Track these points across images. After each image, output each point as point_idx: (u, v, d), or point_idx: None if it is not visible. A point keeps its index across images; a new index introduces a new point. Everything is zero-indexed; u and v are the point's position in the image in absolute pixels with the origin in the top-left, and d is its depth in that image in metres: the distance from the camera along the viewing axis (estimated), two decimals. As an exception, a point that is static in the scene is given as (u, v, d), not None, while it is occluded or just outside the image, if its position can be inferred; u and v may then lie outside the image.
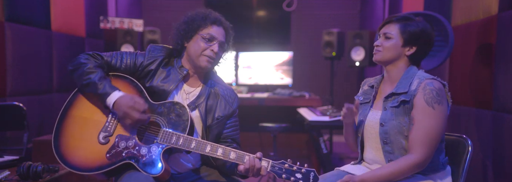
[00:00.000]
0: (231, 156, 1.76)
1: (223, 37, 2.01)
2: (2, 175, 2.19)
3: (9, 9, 3.22)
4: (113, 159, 1.82)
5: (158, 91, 1.93)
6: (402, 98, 1.84)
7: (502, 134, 2.46)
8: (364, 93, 2.03)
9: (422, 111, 1.80)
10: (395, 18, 1.91)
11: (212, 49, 1.95)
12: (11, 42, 3.23)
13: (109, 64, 1.96)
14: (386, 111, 1.88)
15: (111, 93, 1.83)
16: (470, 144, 1.95)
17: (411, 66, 1.92)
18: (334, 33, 4.92)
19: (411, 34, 1.87)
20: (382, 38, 1.91)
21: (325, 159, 3.80)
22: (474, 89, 2.82)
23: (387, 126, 1.86)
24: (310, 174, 1.71)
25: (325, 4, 5.91)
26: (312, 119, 3.67)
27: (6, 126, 2.97)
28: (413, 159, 1.78)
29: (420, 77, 1.86)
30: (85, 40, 4.52)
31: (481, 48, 2.75)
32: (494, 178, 2.54)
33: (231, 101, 2.06)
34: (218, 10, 2.19)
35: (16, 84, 3.30)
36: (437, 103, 1.79)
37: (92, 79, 1.86)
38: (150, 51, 1.99)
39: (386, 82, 1.98)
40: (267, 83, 5.35)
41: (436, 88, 1.81)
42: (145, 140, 1.86)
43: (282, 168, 1.73)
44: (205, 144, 1.78)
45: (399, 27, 1.89)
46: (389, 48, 1.89)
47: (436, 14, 2.86)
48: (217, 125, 1.98)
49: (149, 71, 1.95)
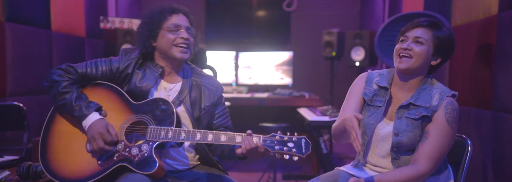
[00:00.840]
0: (222, 139, 1.76)
1: (187, 23, 1.99)
2: (2, 175, 2.19)
3: (9, 9, 3.22)
4: (105, 165, 1.82)
5: (137, 92, 1.93)
6: (423, 112, 1.80)
7: (502, 134, 2.46)
8: (374, 93, 1.90)
9: (441, 128, 1.78)
10: (427, 23, 1.79)
11: (182, 36, 1.94)
12: (11, 42, 3.23)
13: (85, 75, 1.95)
14: (400, 120, 1.83)
15: (87, 116, 1.84)
16: (470, 144, 1.95)
17: (427, 77, 1.86)
18: (334, 33, 4.92)
19: (442, 43, 1.78)
20: (413, 43, 1.78)
21: (325, 159, 3.80)
22: (474, 89, 2.82)
23: (402, 137, 1.82)
24: (301, 141, 1.71)
25: (325, 4, 5.91)
26: (312, 119, 3.67)
27: (6, 126, 2.97)
28: (420, 170, 1.77)
29: (440, 92, 1.81)
30: (85, 40, 4.52)
31: (481, 48, 2.75)
32: (494, 178, 2.54)
33: (215, 89, 2.06)
34: (218, 10, 2.19)
35: (16, 84, 3.30)
36: (455, 123, 1.80)
37: (67, 99, 1.86)
38: (123, 55, 1.99)
39: (399, 86, 1.88)
40: (267, 83, 5.35)
41: (456, 108, 1.81)
42: (135, 140, 1.86)
43: (273, 140, 1.73)
44: (194, 133, 1.78)
45: (433, 33, 1.78)
46: (421, 54, 1.77)
47: (436, 14, 2.86)
48: (206, 115, 1.99)
49: (126, 75, 1.95)
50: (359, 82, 1.97)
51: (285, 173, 4.46)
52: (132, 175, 1.77)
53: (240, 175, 4.59)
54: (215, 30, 5.80)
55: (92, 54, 4.69)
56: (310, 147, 1.71)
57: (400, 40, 1.84)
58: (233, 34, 5.81)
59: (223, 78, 5.24)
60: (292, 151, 1.70)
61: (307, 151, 1.70)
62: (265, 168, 4.24)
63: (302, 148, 1.70)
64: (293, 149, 1.70)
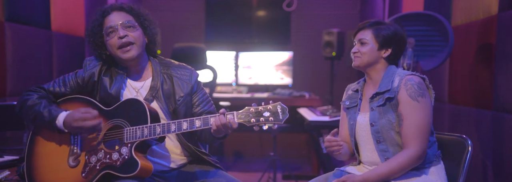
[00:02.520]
0: (196, 124, 1.74)
1: (124, 18, 1.90)
2: (2, 175, 2.19)
3: (9, 9, 3.22)
4: (89, 176, 1.81)
5: (109, 98, 1.92)
6: (386, 95, 1.90)
7: (502, 134, 2.46)
8: (349, 98, 2.08)
9: (408, 105, 1.86)
10: (368, 24, 1.99)
11: (119, 36, 1.88)
12: (11, 42, 3.23)
13: (54, 92, 1.96)
14: (373, 111, 1.94)
15: (57, 116, 1.83)
16: (470, 144, 1.95)
17: (390, 66, 1.99)
18: (334, 33, 4.91)
19: (384, 38, 1.95)
20: (358, 45, 1.99)
21: (325, 159, 3.80)
22: (474, 90, 2.82)
23: (378, 125, 1.92)
24: (277, 108, 1.68)
25: (325, 4, 5.90)
26: (312, 119, 3.67)
27: (6, 126, 2.97)
28: (410, 153, 1.82)
29: (400, 75, 1.93)
30: (85, 40, 4.52)
31: (481, 48, 2.75)
32: (494, 178, 2.54)
33: (187, 77, 2.01)
34: (218, 10, 2.18)
35: (16, 84, 3.30)
36: (420, 96, 1.86)
37: (37, 110, 1.85)
38: (86, 65, 1.98)
39: (369, 85, 2.04)
40: (267, 83, 5.35)
41: (417, 82, 1.88)
42: (114, 146, 1.85)
43: (249, 113, 1.70)
44: (169, 124, 1.76)
45: (372, 32, 1.97)
46: (366, 53, 1.96)
47: (436, 14, 2.86)
48: (181, 105, 1.96)
49: (94, 83, 1.94)
50: (343, 97, 2.15)
51: (285, 173, 4.46)
52: (120, 181, 1.76)
53: (240, 175, 4.59)
54: (215, 30, 5.80)
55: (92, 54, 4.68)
56: (287, 111, 1.69)
57: (354, 43, 2.04)
58: (233, 34, 5.81)
59: (223, 78, 5.24)
60: (270, 120, 1.67)
61: (285, 116, 1.68)
62: (265, 168, 4.24)
63: (279, 115, 1.68)
64: (270, 117, 1.67)
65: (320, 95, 5.28)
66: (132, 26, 1.91)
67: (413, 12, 3.00)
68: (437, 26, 2.86)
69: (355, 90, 2.07)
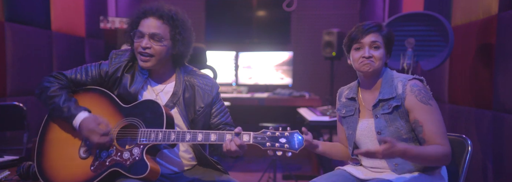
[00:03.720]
0: (211, 138, 1.74)
1: (155, 28, 1.87)
2: (2, 175, 2.19)
3: (9, 9, 3.22)
4: (98, 170, 1.81)
5: (127, 95, 1.92)
6: (393, 103, 1.85)
7: (502, 134, 2.46)
8: (344, 106, 2.02)
9: (423, 111, 1.82)
10: (375, 28, 1.89)
11: (140, 45, 1.87)
12: (11, 42, 3.23)
13: (74, 81, 1.95)
14: (378, 118, 1.88)
15: (76, 115, 1.83)
16: (470, 144, 1.95)
17: (384, 69, 1.94)
18: (334, 33, 4.92)
19: (389, 42, 1.91)
20: (372, 49, 1.87)
21: (325, 159, 3.80)
22: (474, 90, 2.82)
23: (385, 133, 1.86)
24: (294, 136, 1.67)
25: (325, 4, 5.91)
26: (312, 119, 3.67)
27: (6, 126, 2.97)
28: (446, 149, 1.79)
29: (401, 80, 1.88)
30: (85, 40, 4.52)
31: (481, 48, 2.75)
32: (494, 178, 2.54)
33: (209, 88, 2.01)
34: (218, 10, 2.16)
35: (16, 84, 3.30)
36: (430, 99, 1.85)
37: (56, 103, 1.86)
38: (113, 58, 1.97)
39: (365, 91, 1.97)
40: (267, 83, 5.35)
41: (421, 87, 1.86)
42: (128, 144, 1.85)
43: (265, 137, 1.69)
44: (184, 133, 1.76)
45: (382, 35, 1.89)
46: (381, 58, 1.88)
47: (436, 14, 2.86)
48: (201, 116, 1.96)
49: (116, 78, 1.94)
50: (336, 103, 2.09)
51: (285, 173, 4.45)
52: (126, 180, 1.76)
53: (240, 175, 4.59)
54: (215, 30, 5.80)
55: (92, 54, 4.68)
56: (303, 141, 1.68)
57: (355, 48, 1.90)
58: (233, 34, 5.81)
59: (223, 78, 5.24)
60: (285, 147, 1.66)
61: (300, 145, 1.67)
62: (265, 168, 4.24)
63: (295, 143, 1.66)
64: (286, 144, 1.66)
65: (320, 95, 5.28)
66: (159, 39, 1.88)
67: (413, 12, 3.00)
68: (437, 26, 2.86)
69: (350, 98, 2.00)
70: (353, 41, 1.91)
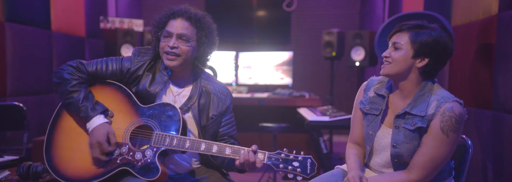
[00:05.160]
0: (226, 152, 1.76)
1: (184, 29, 1.90)
2: (2, 175, 2.19)
3: (9, 9, 3.22)
4: (108, 167, 1.81)
5: (146, 94, 1.91)
6: (418, 123, 1.71)
7: (502, 134, 2.46)
8: (371, 102, 1.86)
9: (435, 138, 1.70)
10: (406, 26, 1.74)
11: (168, 44, 1.88)
12: (11, 42, 3.23)
13: (94, 74, 1.94)
14: (398, 130, 1.76)
15: (92, 118, 1.83)
16: (470, 144, 1.95)
17: (426, 81, 1.76)
18: (334, 33, 4.92)
19: (422, 44, 1.70)
20: (391, 49, 1.76)
21: (325, 159, 3.80)
22: (474, 90, 2.82)
23: (400, 149, 1.76)
24: (307, 161, 1.72)
25: (325, 4, 5.91)
26: (312, 119, 3.67)
27: (6, 126, 2.97)
28: (410, 179, 1.73)
29: (438, 99, 1.71)
30: (85, 40, 4.52)
31: (481, 48, 2.75)
32: (494, 178, 2.54)
33: (224, 97, 2.02)
34: (218, 10, 2.17)
35: (16, 84, 3.30)
36: (452, 131, 1.68)
37: (74, 99, 1.85)
38: (136, 55, 1.96)
39: (397, 94, 1.81)
40: (267, 83, 5.35)
41: (456, 115, 1.67)
42: (139, 144, 1.85)
43: (279, 158, 1.73)
44: (199, 143, 1.78)
45: (410, 36, 1.72)
46: (398, 60, 1.72)
47: (436, 14, 2.86)
48: (213, 124, 1.96)
49: (137, 76, 1.93)
50: (359, 92, 1.95)
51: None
52: (134, 180, 1.76)
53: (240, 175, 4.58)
54: (215, 30, 5.81)
55: (92, 54, 4.69)
56: (316, 168, 1.72)
57: (389, 46, 1.80)
58: (233, 34, 5.81)
59: (223, 78, 5.24)
60: (297, 171, 1.71)
61: (312, 172, 1.71)
62: (265, 168, 4.24)
63: (307, 169, 1.71)
64: (298, 168, 1.71)
65: (320, 95, 5.28)
66: (186, 40, 1.90)
67: (413, 12, 3.00)
68: (437, 26, 2.86)
69: (380, 94, 1.83)
70: (388, 39, 1.81)
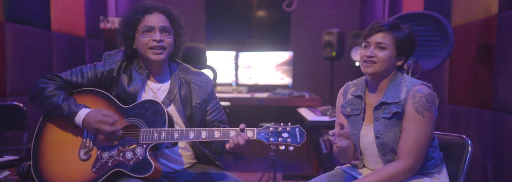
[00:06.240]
0: (216, 135, 1.76)
1: (163, 22, 1.91)
2: (2, 175, 2.19)
3: (9, 9, 3.22)
4: (100, 171, 1.80)
5: (126, 96, 1.91)
6: (393, 109, 1.80)
7: (502, 134, 2.46)
8: (350, 103, 1.96)
9: (412, 119, 1.78)
10: (387, 27, 1.81)
11: (154, 38, 1.88)
12: (11, 42, 3.23)
13: (70, 82, 1.93)
14: (378, 121, 1.85)
15: (78, 112, 1.82)
16: (470, 144, 1.95)
17: (396, 72, 1.87)
18: (334, 33, 4.92)
19: (403, 44, 1.81)
20: (376, 49, 1.81)
21: (325, 159, 3.80)
22: (474, 89, 2.82)
23: (384, 138, 1.84)
24: (296, 130, 1.72)
25: (325, 4, 5.90)
26: (312, 119, 3.67)
27: (6, 126, 2.97)
28: (403, 166, 1.78)
29: (407, 85, 1.82)
30: (85, 40, 4.52)
31: (481, 48, 2.75)
32: (494, 178, 2.54)
33: (205, 84, 2.03)
34: (218, 10, 2.17)
35: (16, 84, 3.30)
36: (426, 110, 1.77)
37: (55, 102, 1.83)
38: (106, 59, 1.96)
39: (372, 91, 1.91)
40: (267, 83, 5.35)
41: (425, 95, 1.78)
42: (128, 144, 1.84)
43: (268, 132, 1.73)
44: (188, 131, 1.78)
45: (393, 36, 1.80)
46: (384, 59, 1.80)
47: (436, 14, 2.86)
48: (197, 112, 1.97)
49: (112, 79, 1.93)
50: (338, 98, 2.04)
51: (285, 173, 4.45)
52: (129, 180, 1.76)
53: (240, 175, 4.59)
54: (215, 30, 5.80)
55: (92, 54, 4.68)
56: (305, 135, 1.72)
57: (364, 45, 1.86)
58: (233, 34, 5.80)
59: (223, 78, 5.24)
60: (287, 141, 1.71)
61: (302, 139, 1.71)
62: (265, 168, 4.24)
63: (297, 137, 1.71)
64: (288, 139, 1.71)
65: (320, 95, 5.28)
66: (168, 32, 1.92)
67: (413, 12, 3.00)
68: (437, 26, 2.86)
69: (357, 95, 1.94)
70: (363, 38, 1.87)
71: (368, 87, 1.93)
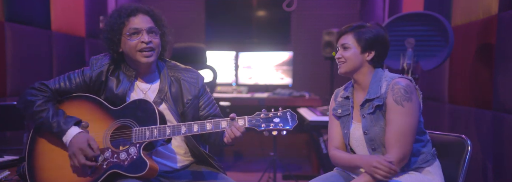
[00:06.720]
0: (207, 127, 1.76)
1: (149, 23, 1.91)
2: (2, 175, 2.19)
3: (9, 9, 3.22)
4: (96, 174, 1.81)
5: (115, 98, 1.91)
6: (375, 103, 1.88)
7: (502, 134, 2.46)
8: (340, 105, 2.04)
9: (393, 110, 1.84)
10: (349, 29, 1.96)
11: (142, 40, 1.88)
12: (11, 42, 3.23)
13: (58, 90, 1.94)
14: (364, 118, 1.91)
15: (66, 131, 1.82)
16: (469, 144, 1.95)
17: (376, 70, 1.96)
18: (334, 33, 4.91)
19: (367, 40, 1.92)
20: (341, 50, 1.96)
21: (325, 159, 3.80)
22: (474, 89, 2.82)
23: (371, 133, 1.90)
24: (287, 114, 1.74)
25: (325, 4, 5.90)
26: (312, 119, 3.67)
27: (6, 126, 2.97)
28: (391, 157, 1.80)
29: (387, 79, 1.90)
30: (85, 40, 4.52)
31: (481, 48, 2.75)
32: (494, 178, 2.54)
33: (195, 80, 2.02)
34: (218, 10, 2.17)
35: (16, 84, 3.30)
36: (406, 101, 1.83)
37: (44, 118, 1.84)
38: (93, 64, 1.96)
39: (358, 90, 2.00)
40: (267, 83, 5.35)
41: (404, 86, 1.85)
42: (122, 145, 1.85)
43: (259, 119, 1.74)
44: (179, 126, 1.78)
45: (354, 35, 1.94)
46: (350, 57, 1.94)
47: (436, 14, 2.86)
48: (190, 108, 1.97)
49: (101, 83, 1.94)
50: (331, 103, 2.12)
51: (285, 173, 4.46)
52: (125, 180, 1.76)
53: (240, 175, 4.59)
54: (215, 30, 5.80)
55: (92, 54, 4.66)
56: (296, 118, 1.74)
57: (337, 49, 2.02)
58: (233, 34, 5.80)
59: (223, 78, 5.24)
60: (279, 126, 1.72)
61: (294, 123, 1.73)
62: (265, 168, 4.24)
63: (289, 121, 1.72)
64: (280, 123, 1.72)
65: (320, 95, 5.28)
66: (155, 32, 1.92)
67: (413, 12, 3.00)
68: (437, 26, 2.86)
69: (346, 97, 2.03)
70: (336, 44, 2.02)
71: (355, 88, 2.02)
